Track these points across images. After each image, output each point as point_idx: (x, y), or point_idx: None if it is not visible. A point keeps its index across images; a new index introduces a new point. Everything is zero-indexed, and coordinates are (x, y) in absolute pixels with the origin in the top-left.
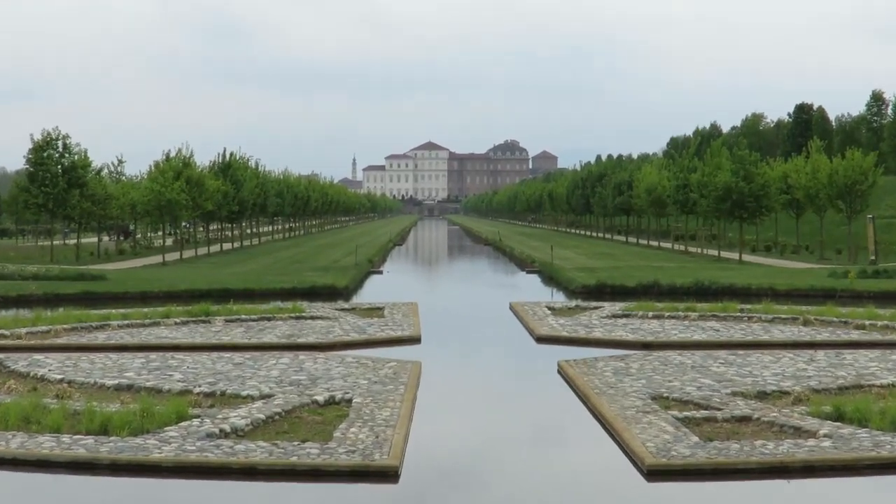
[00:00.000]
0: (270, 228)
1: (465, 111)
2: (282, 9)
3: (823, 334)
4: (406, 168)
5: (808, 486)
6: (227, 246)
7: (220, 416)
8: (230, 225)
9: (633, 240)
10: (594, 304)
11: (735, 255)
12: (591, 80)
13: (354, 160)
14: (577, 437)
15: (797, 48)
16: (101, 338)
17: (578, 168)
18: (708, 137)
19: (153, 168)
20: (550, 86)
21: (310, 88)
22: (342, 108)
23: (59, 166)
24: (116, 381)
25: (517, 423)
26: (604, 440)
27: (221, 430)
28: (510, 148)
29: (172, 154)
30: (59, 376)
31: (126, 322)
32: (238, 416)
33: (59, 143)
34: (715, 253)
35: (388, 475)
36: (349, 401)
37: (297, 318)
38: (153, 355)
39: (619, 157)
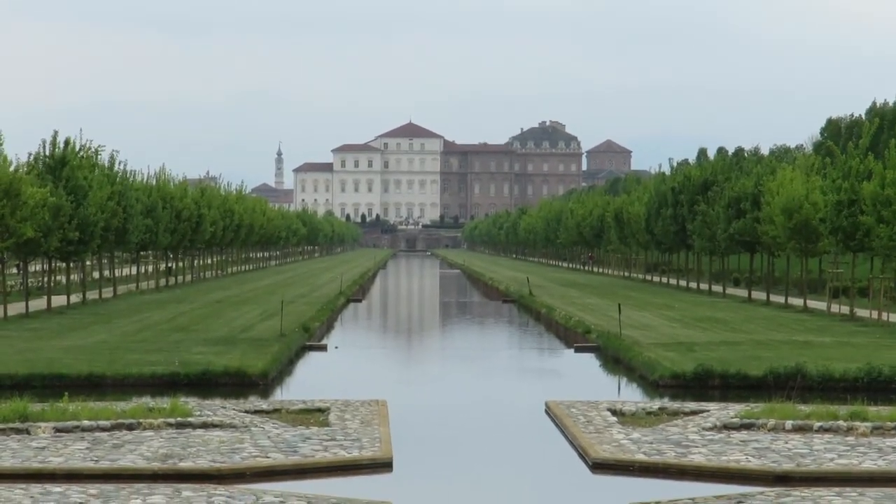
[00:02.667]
0: (135, 271)
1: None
2: None
3: None
4: (370, 169)
5: None
6: (59, 300)
7: None
8: (65, 264)
9: (759, 295)
10: (692, 405)
11: None
12: (686, 22)
13: (280, 154)
14: None
15: None
16: None
17: (667, 171)
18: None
19: None
20: (615, 30)
21: (202, 26)
22: (256, 61)
23: None
24: None
25: None
26: None
27: None
28: (548, 135)
29: None
30: None
31: None
32: None
33: None
34: None
35: None
36: None
37: (180, 425)
38: None
39: (739, 152)
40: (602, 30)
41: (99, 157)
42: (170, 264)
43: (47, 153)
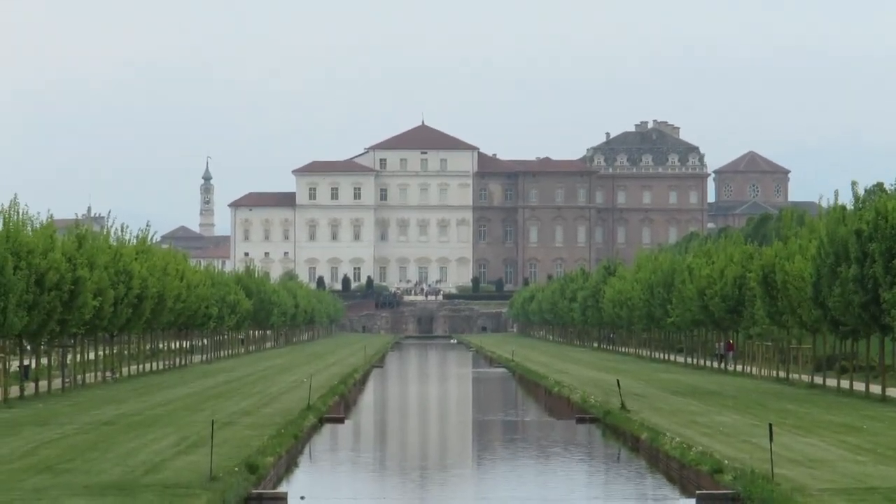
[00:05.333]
0: None
1: (514, 49)
2: None
3: None
4: (356, 202)
5: None
6: None
7: None
8: None
9: None
10: None
11: None
12: None
13: (207, 180)
14: None
15: None
16: None
17: (849, 203)
18: None
19: None
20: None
21: None
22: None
23: None
24: None
25: None
26: None
27: None
28: (652, 144)
29: None
30: None
31: None
32: None
33: None
34: None
35: None
36: None
37: None
38: None
39: None
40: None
41: None
42: (26, 362)
43: None
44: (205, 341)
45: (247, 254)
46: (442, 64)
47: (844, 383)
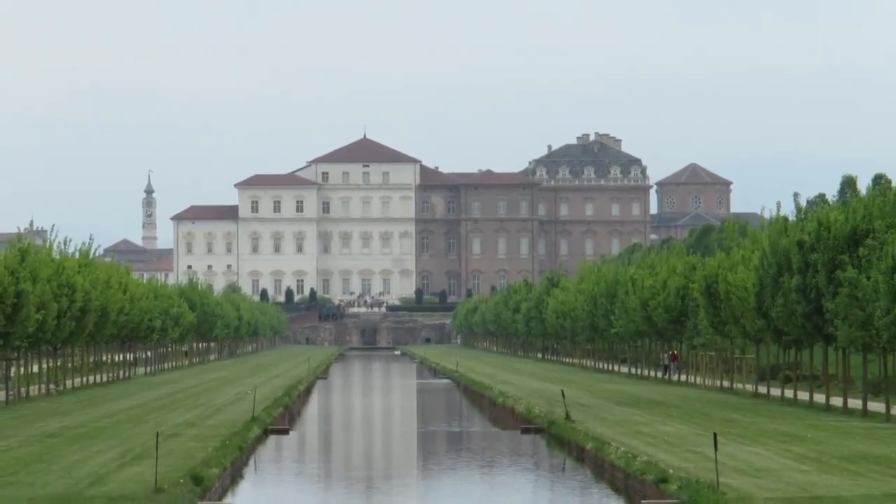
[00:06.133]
0: None
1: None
2: None
3: None
4: (299, 215)
5: None
6: None
7: None
8: None
9: None
10: None
11: None
12: None
13: (149, 193)
14: None
15: None
16: None
17: (791, 214)
18: None
19: None
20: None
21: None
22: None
23: None
24: None
25: None
26: None
27: None
28: (594, 156)
29: None
30: None
31: None
32: None
33: None
34: None
35: None
36: None
37: None
38: None
39: None
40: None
41: None
42: None
43: None
44: (148, 353)
45: (190, 267)
46: (383, 77)
47: (788, 393)
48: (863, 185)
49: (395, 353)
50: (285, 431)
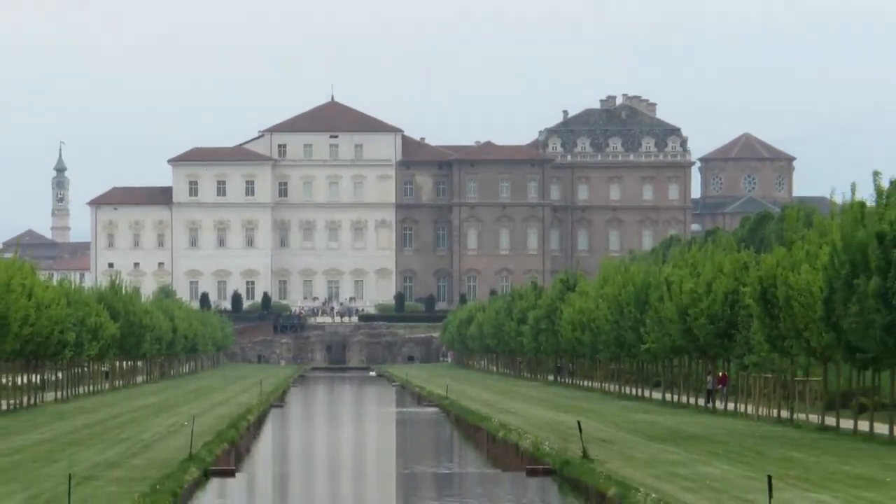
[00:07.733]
0: None
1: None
2: None
3: None
4: (250, 199)
5: None
6: None
7: None
8: None
9: None
10: None
11: None
12: None
13: (60, 171)
14: None
15: None
16: None
17: (870, 199)
18: None
19: None
20: None
21: None
22: None
23: None
24: None
25: None
26: None
27: None
28: (622, 125)
29: None
30: None
31: None
32: None
33: None
34: None
35: None
36: None
37: None
38: None
39: None
40: None
41: None
42: None
43: None
44: (60, 375)
45: (111, 264)
46: (356, 27)
47: (863, 425)
48: None
49: (370, 374)
50: (231, 473)
